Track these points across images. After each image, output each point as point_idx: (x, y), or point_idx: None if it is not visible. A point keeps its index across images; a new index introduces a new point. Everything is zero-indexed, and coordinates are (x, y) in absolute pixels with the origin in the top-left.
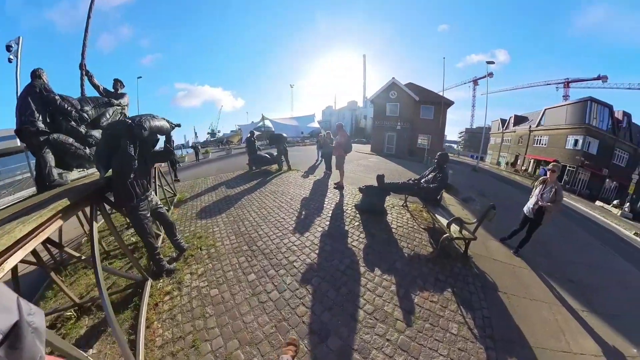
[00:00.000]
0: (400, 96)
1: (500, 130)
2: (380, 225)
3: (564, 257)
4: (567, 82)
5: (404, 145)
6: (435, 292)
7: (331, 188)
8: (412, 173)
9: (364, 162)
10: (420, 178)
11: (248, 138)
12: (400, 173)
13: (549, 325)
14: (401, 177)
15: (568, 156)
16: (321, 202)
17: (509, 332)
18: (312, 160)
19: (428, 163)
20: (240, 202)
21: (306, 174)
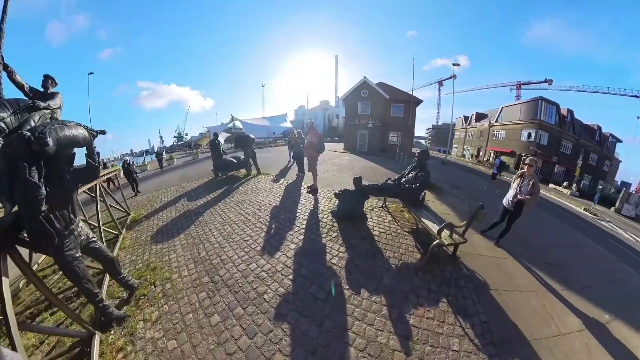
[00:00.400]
0: (372, 95)
1: (463, 126)
2: (360, 233)
3: (537, 242)
4: (519, 84)
5: (376, 143)
6: (430, 305)
7: (304, 192)
8: (386, 170)
9: (337, 161)
10: (400, 177)
11: (211, 141)
12: (375, 170)
13: (539, 313)
14: (376, 174)
15: (523, 147)
16: (293, 210)
17: (507, 332)
18: (284, 162)
19: (400, 159)
20: (201, 218)
21: (277, 178)
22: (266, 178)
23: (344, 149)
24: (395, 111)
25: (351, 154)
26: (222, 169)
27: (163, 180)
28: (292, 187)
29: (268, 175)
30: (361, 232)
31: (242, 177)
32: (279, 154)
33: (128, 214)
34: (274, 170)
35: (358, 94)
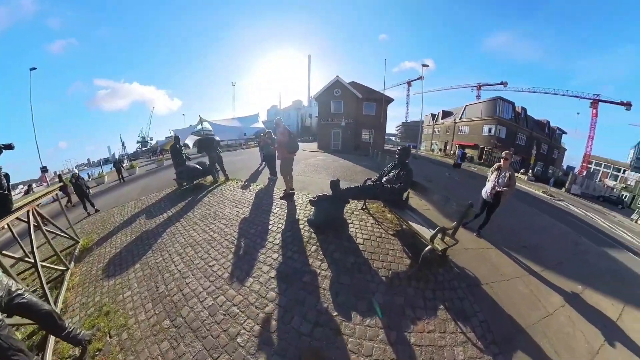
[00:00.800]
0: (344, 94)
1: (431, 123)
2: (343, 242)
3: (511, 227)
4: (479, 85)
5: (349, 141)
6: (429, 316)
7: (277, 199)
8: (362, 167)
9: (312, 161)
10: (381, 177)
11: (173, 146)
12: (351, 169)
13: (528, 298)
14: (352, 172)
15: (485, 140)
16: (265, 222)
17: (504, 326)
18: (256, 165)
19: (374, 155)
20: (161, 240)
21: (247, 184)
22: (235, 184)
23: (318, 148)
24: (367, 109)
25: (325, 153)
26: (186, 177)
27: (122, 194)
28: (264, 194)
29: (237, 181)
30: (343, 242)
31: (208, 184)
32: (250, 157)
33: (77, 241)
34: (243, 175)
35: (331, 92)
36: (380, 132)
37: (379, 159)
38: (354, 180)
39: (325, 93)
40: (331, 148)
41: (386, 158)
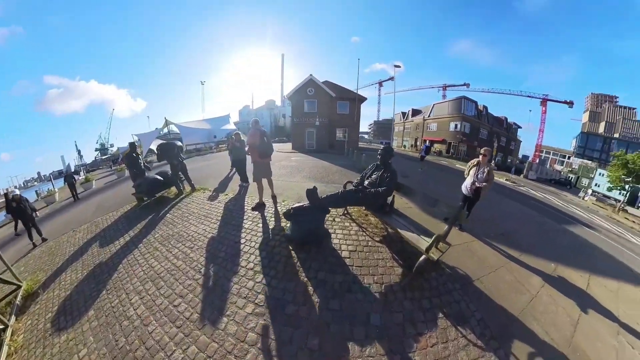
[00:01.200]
0: (318, 93)
1: (402, 121)
2: (327, 259)
3: (486, 216)
4: (444, 86)
5: (324, 140)
6: (430, 329)
7: (249, 211)
8: (339, 167)
9: (286, 163)
10: (362, 180)
11: (128, 154)
12: (327, 169)
13: (513, 285)
14: (329, 172)
15: (451, 136)
16: (236, 241)
17: (499, 319)
18: (226, 171)
19: (349, 154)
20: (117, 275)
21: (215, 194)
22: (202, 195)
23: (293, 149)
24: (341, 108)
25: (300, 153)
26: (146, 191)
27: (74, 216)
28: (234, 205)
29: (204, 190)
30: (327, 258)
31: (172, 197)
32: (220, 161)
33: (18, 286)
34: (212, 183)
35: (304, 91)
36: (355, 130)
37: (355, 158)
38: (332, 182)
39: (299, 92)
40: (306, 148)
41: (362, 156)
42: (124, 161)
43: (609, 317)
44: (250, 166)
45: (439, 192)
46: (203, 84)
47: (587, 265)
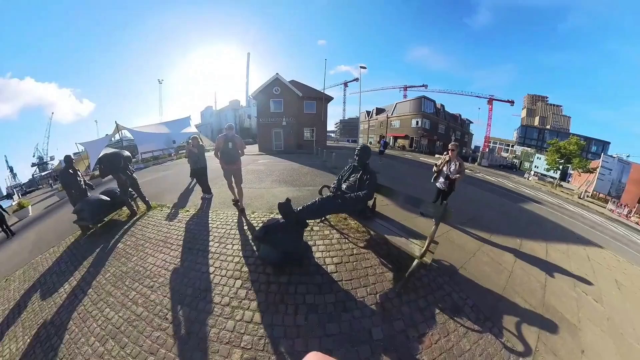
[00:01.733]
0: (284, 92)
1: (367, 119)
2: (312, 278)
3: (454, 204)
4: (405, 87)
5: (291, 140)
6: (431, 327)
7: (216, 227)
8: (310, 168)
9: (254, 167)
10: (339, 183)
11: (63, 171)
12: (297, 170)
13: (492, 266)
14: (299, 174)
15: (413, 131)
16: (204, 271)
17: (488, 301)
18: (187, 181)
19: (318, 153)
20: (68, 337)
21: (175, 211)
22: (159, 214)
23: (260, 151)
24: (308, 108)
25: (268, 155)
26: (90, 217)
27: (7, 257)
28: (197, 223)
29: (162, 208)
30: (313, 277)
31: (124, 219)
32: (181, 170)
33: None
34: (170, 198)
35: (270, 91)
36: (322, 129)
37: (325, 157)
38: (304, 185)
39: (265, 91)
40: (273, 149)
41: (332, 155)
42: (60, 180)
43: (566, 274)
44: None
45: (399, 178)
46: (161, 82)
47: (543, 235)
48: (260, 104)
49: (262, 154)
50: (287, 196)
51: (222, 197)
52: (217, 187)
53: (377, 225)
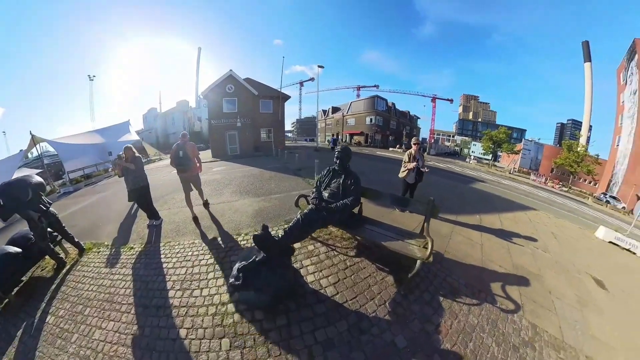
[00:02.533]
0: (239, 90)
1: (323, 118)
2: (314, 310)
3: (419, 192)
4: (359, 87)
5: (248, 143)
6: (441, 315)
7: (174, 270)
8: (272, 172)
9: (208, 177)
10: (319, 193)
11: None
12: (259, 176)
13: (467, 243)
14: (262, 180)
15: (368, 128)
16: (174, 337)
17: (474, 274)
18: (127, 205)
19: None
20: None
21: (116, 250)
22: (97, 260)
23: (213, 157)
24: (264, 107)
25: (223, 161)
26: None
27: None
28: (146, 264)
29: (99, 248)
30: (314, 308)
31: (50, 275)
32: (119, 190)
33: None
34: (109, 232)
35: (223, 89)
36: (280, 130)
37: (286, 158)
38: (270, 193)
39: (217, 90)
40: (228, 154)
41: (295, 157)
42: None
43: (519, 236)
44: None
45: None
46: (92, 79)
47: (493, 209)
48: (212, 103)
49: (216, 160)
50: (252, 208)
51: (174, 219)
52: (165, 207)
53: (369, 232)
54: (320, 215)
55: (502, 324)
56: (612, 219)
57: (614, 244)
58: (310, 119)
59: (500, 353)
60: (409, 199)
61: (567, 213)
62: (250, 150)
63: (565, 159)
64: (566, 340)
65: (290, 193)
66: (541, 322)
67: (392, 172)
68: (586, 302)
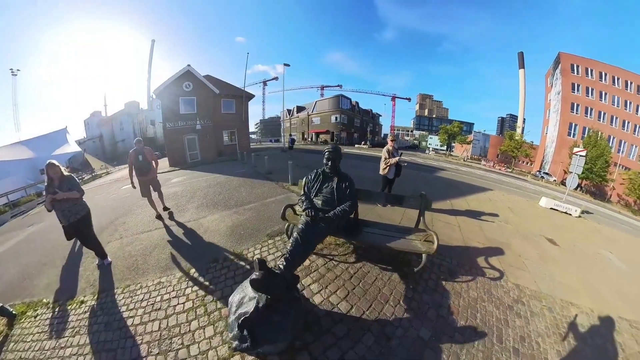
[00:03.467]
0: (198, 89)
1: (288, 117)
2: (334, 333)
3: (397, 185)
4: (322, 86)
5: (210, 147)
6: (449, 298)
7: (144, 327)
8: (240, 178)
9: (167, 190)
10: (308, 199)
11: None
12: (227, 184)
13: (448, 227)
14: (231, 188)
15: (333, 126)
16: None
17: (461, 253)
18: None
19: (244, 158)
20: None
21: (61, 310)
22: (35, 328)
23: (171, 166)
24: (226, 107)
25: (183, 170)
26: None
27: None
28: (107, 322)
29: (36, 310)
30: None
31: None
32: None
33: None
34: (47, 282)
35: (179, 87)
36: (244, 131)
37: (253, 162)
38: (242, 204)
39: (172, 87)
40: (188, 161)
41: (264, 159)
42: None
43: (485, 214)
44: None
45: None
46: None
47: (459, 193)
48: (167, 104)
49: (175, 169)
50: (224, 225)
51: (129, 252)
52: (116, 235)
53: (370, 235)
54: (319, 228)
55: (494, 290)
56: (548, 190)
57: (554, 209)
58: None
59: (501, 314)
60: (403, 196)
61: (515, 189)
62: (213, 156)
63: (508, 146)
64: (543, 290)
65: (266, 200)
66: (521, 281)
67: (362, 169)
68: (546, 257)
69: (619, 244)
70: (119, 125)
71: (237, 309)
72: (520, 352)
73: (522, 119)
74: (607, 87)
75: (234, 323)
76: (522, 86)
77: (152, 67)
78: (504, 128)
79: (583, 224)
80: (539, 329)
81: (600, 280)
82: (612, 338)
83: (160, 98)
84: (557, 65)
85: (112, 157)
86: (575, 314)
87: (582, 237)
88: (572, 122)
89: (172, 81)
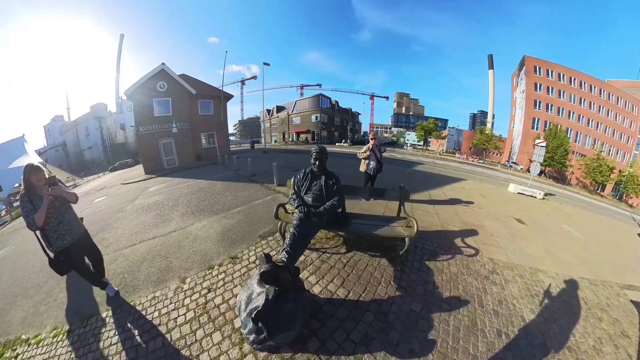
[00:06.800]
0: (173, 89)
1: (268, 118)
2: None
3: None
4: (302, 86)
5: (188, 151)
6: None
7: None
8: (224, 182)
9: (145, 200)
10: (301, 199)
11: None
12: (209, 191)
13: (427, 215)
14: (214, 192)
15: (314, 125)
16: None
17: (440, 236)
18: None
19: (225, 161)
20: None
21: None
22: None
23: (147, 173)
24: (203, 108)
25: (160, 177)
26: None
27: None
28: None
29: (15, 351)
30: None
31: None
32: (26, 240)
33: None
34: (23, 319)
35: (153, 87)
36: (223, 133)
37: (236, 165)
38: (229, 207)
39: (145, 88)
40: (165, 167)
41: (248, 161)
42: None
43: (460, 202)
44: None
45: None
46: None
47: (436, 184)
48: (140, 106)
49: (152, 176)
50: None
51: (111, 273)
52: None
53: (357, 226)
54: (313, 223)
55: (472, 265)
56: (516, 177)
57: (521, 193)
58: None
59: (480, 284)
60: (384, 189)
61: (487, 178)
62: (192, 160)
63: (479, 140)
64: (514, 261)
65: (253, 203)
66: (495, 255)
67: (343, 166)
68: (516, 235)
69: (578, 219)
70: (85, 131)
71: (247, 306)
72: (500, 313)
73: (492, 114)
74: (565, 86)
75: (246, 319)
76: (492, 85)
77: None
78: (476, 123)
79: (546, 205)
80: (514, 293)
81: (562, 249)
82: (575, 294)
83: (131, 99)
84: (522, 66)
85: (78, 167)
86: (543, 278)
87: (546, 215)
88: (535, 117)
89: (144, 81)
